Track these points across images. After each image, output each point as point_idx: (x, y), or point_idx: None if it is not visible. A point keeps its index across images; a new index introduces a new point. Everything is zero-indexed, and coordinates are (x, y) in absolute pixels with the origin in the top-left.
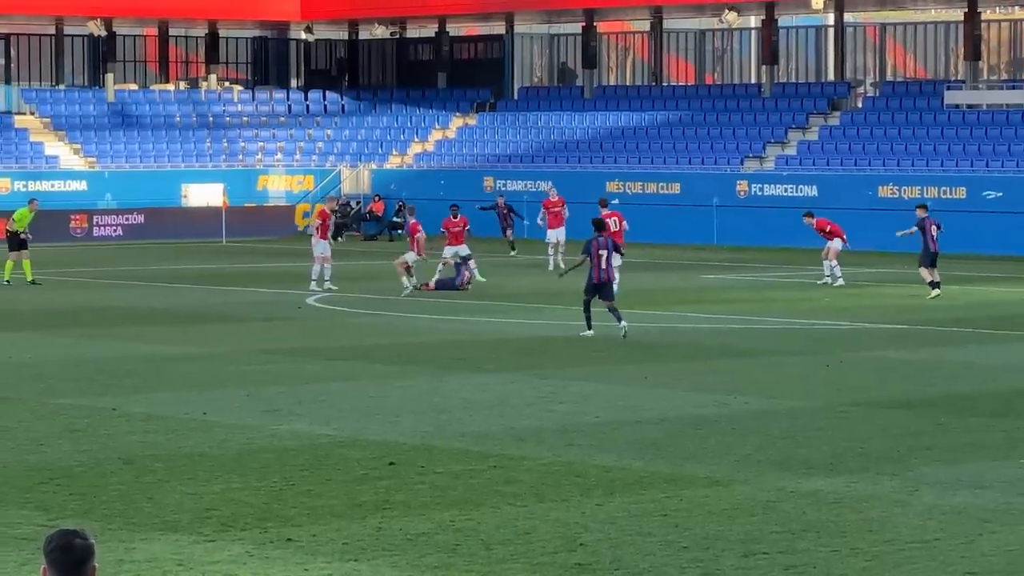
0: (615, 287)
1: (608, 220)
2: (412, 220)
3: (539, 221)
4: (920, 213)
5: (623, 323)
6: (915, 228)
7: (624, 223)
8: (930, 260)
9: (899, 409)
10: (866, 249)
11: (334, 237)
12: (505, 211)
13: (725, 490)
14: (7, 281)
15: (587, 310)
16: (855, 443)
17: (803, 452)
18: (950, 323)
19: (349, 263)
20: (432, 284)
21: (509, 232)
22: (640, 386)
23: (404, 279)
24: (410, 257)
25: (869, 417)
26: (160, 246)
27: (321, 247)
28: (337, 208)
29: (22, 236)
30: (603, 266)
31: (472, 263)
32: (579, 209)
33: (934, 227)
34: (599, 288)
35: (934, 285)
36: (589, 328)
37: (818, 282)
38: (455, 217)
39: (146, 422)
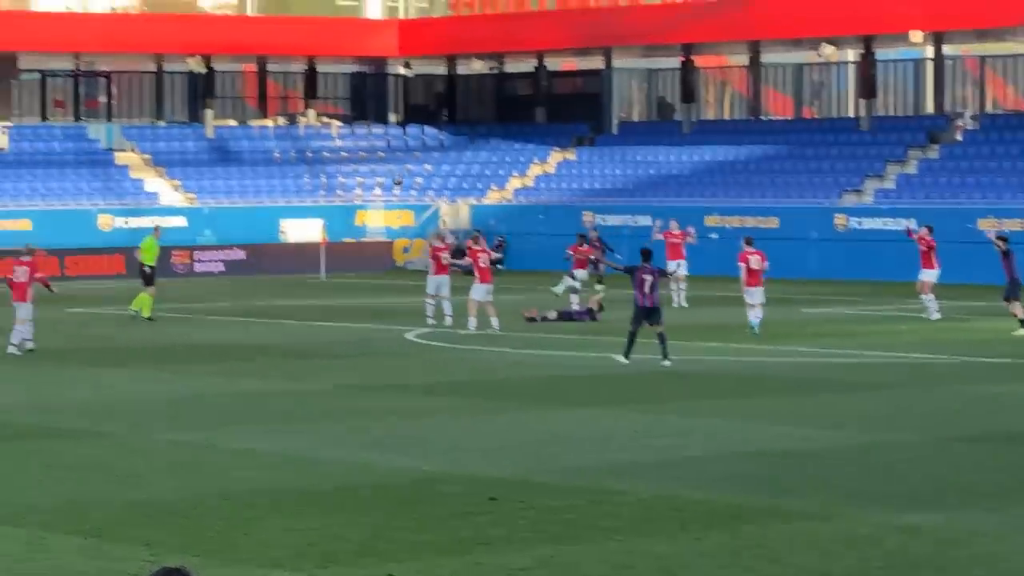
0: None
1: (751, 257)
2: (472, 246)
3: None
4: (1002, 245)
5: (667, 361)
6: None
7: (766, 262)
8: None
9: (1001, 443)
10: (965, 282)
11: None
12: (598, 245)
13: (824, 524)
14: (148, 318)
15: (631, 340)
16: (956, 477)
17: (903, 486)
18: None
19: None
20: (552, 315)
21: (601, 267)
22: (738, 419)
23: (472, 318)
24: (478, 293)
25: (970, 451)
26: (260, 282)
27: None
28: (449, 243)
29: (147, 270)
30: (646, 291)
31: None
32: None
33: (1012, 257)
34: (648, 314)
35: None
36: (627, 357)
37: (923, 315)
38: (582, 245)
39: (246, 457)
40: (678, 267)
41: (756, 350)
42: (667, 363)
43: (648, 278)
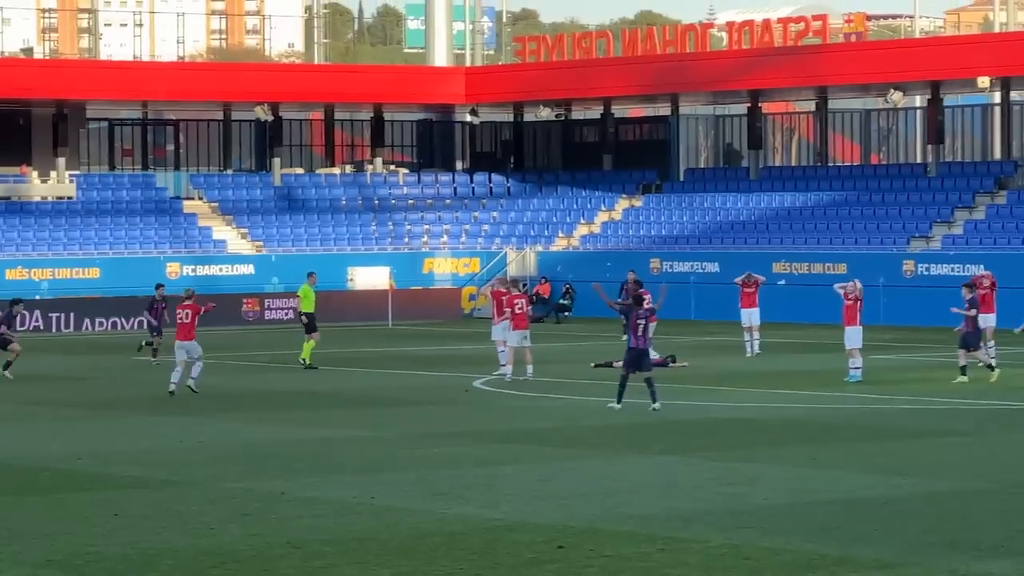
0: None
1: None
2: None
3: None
4: (967, 293)
5: (656, 404)
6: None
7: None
8: (968, 342)
9: None
10: None
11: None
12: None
13: (895, 572)
14: (305, 362)
15: (623, 384)
16: None
17: (974, 534)
18: None
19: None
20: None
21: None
22: (808, 467)
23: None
24: (513, 340)
25: None
26: (328, 329)
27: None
28: (517, 289)
29: (304, 318)
30: (639, 334)
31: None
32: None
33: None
34: (638, 356)
35: (989, 368)
36: (619, 402)
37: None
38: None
39: (314, 506)
40: (750, 317)
41: (824, 397)
42: (656, 407)
43: (641, 322)
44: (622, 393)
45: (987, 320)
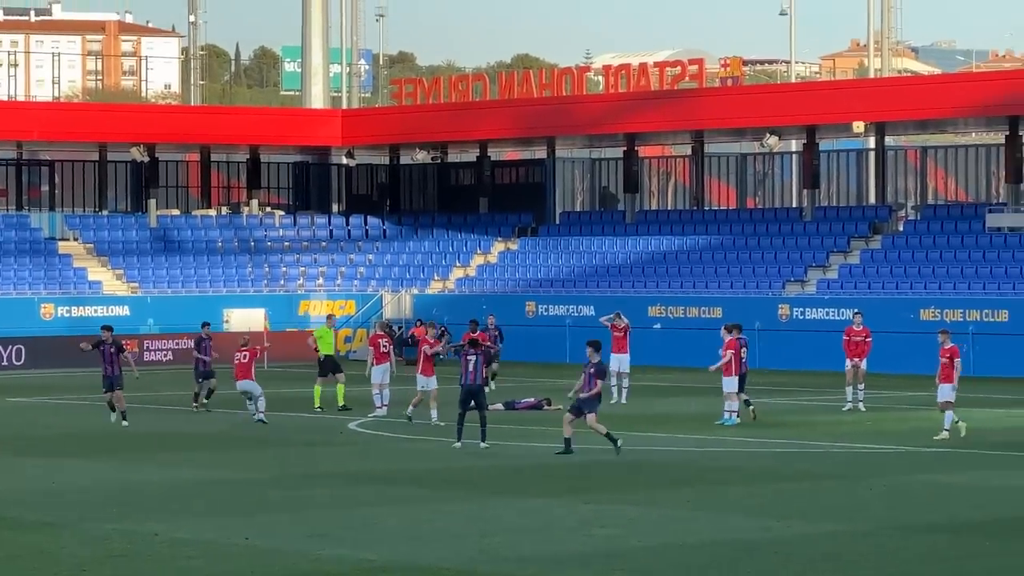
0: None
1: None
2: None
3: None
4: (726, 334)
5: (484, 444)
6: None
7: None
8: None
9: (944, 534)
10: (909, 372)
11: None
12: (495, 334)
13: None
14: (344, 407)
15: (460, 422)
16: (900, 568)
17: None
18: (995, 447)
19: (391, 387)
20: (499, 406)
21: (494, 365)
22: (683, 510)
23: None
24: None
25: (914, 541)
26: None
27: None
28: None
29: (322, 358)
30: (470, 369)
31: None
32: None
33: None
34: (472, 393)
35: (746, 403)
36: (459, 440)
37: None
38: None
39: (188, 547)
40: (620, 363)
41: (700, 440)
42: (484, 445)
43: (472, 359)
44: (461, 430)
45: (858, 364)
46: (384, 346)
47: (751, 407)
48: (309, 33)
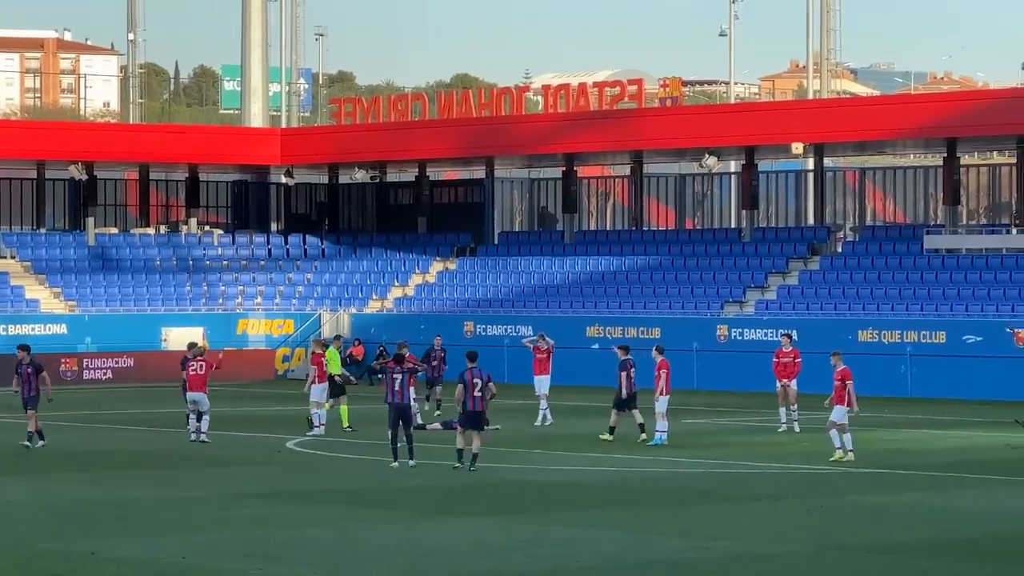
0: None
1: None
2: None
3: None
4: (621, 354)
5: (412, 462)
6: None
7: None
8: (623, 403)
9: (880, 554)
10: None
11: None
12: (441, 354)
13: None
14: (349, 427)
15: (393, 441)
16: None
17: None
18: (931, 468)
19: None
20: (436, 425)
21: (438, 388)
22: (621, 530)
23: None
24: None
25: (850, 562)
26: (145, 389)
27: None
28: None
29: (338, 379)
30: (396, 388)
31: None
32: (557, 353)
33: (632, 369)
34: (399, 411)
35: (611, 430)
36: (395, 460)
37: (797, 429)
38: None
39: (124, 566)
40: (541, 385)
41: (638, 460)
42: (412, 463)
43: (398, 377)
44: (395, 450)
45: (788, 385)
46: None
47: (608, 436)
48: (249, 52)
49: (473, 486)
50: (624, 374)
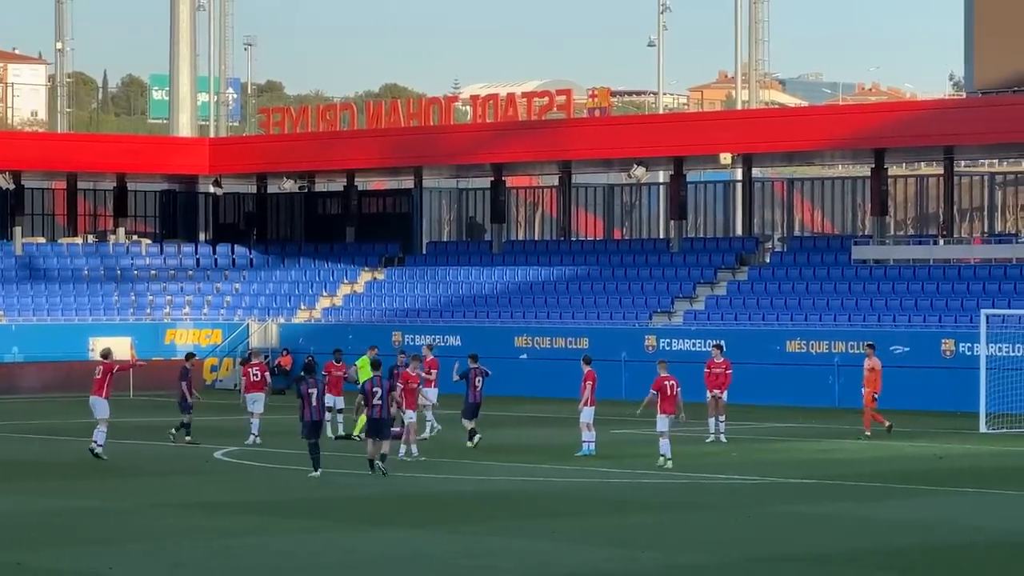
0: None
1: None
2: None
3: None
4: (470, 363)
5: (316, 473)
6: (459, 377)
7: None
8: (472, 411)
9: (808, 563)
10: (774, 403)
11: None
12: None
13: None
14: (360, 437)
15: (313, 450)
16: None
17: None
18: (859, 478)
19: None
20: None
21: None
22: (549, 541)
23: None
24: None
25: (779, 572)
26: (69, 398)
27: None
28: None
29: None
30: (313, 404)
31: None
32: (486, 364)
33: (479, 378)
34: (315, 426)
35: (472, 434)
36: (316, 469)
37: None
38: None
39: None
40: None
41: (566, 471)
42: (316, 474)
43: (313, 391)
44: (316, 460)
45: (719, 396)
46: (255, 374)
47: (476, 437)
48: (177, 61)
49: (402, 497)
50: (471, 383)
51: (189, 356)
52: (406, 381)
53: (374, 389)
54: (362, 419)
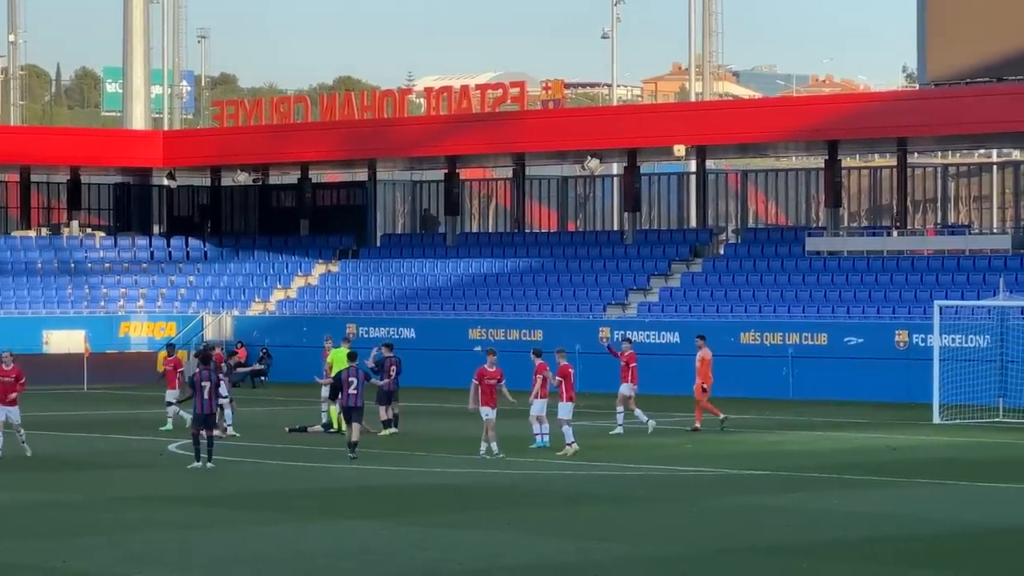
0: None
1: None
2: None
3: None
4: (385, 352)
5: (210, 464)
6: (374, 364)
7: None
8: (385, 398)
9: (763, 555)
10: (729, 396)
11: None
12: (396, 362)
13: None
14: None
15: (195, 442)
16: None
17: None
18: (812, 469)
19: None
20: (317, 427)
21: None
22: (503, 532)
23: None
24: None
25: (733, 564)
26: (25, 393)
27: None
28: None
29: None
30: (205, 397)
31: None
32: (441, 356)
33: (394, 367)
34: (204, 419)
35: (387, 424)
36: (198, 459)
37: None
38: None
39: (4, 571)
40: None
41: (520, 463)
42: (210, 465)
43: (206, 384)
44: (198, 450)
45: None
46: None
47: (389, 430)
48: (130, 54)
49: (356, 489)
50: (386, 371)
51: (198, 352)
52: (481, 378)
53: (350, 379)
54: (333, 410)
